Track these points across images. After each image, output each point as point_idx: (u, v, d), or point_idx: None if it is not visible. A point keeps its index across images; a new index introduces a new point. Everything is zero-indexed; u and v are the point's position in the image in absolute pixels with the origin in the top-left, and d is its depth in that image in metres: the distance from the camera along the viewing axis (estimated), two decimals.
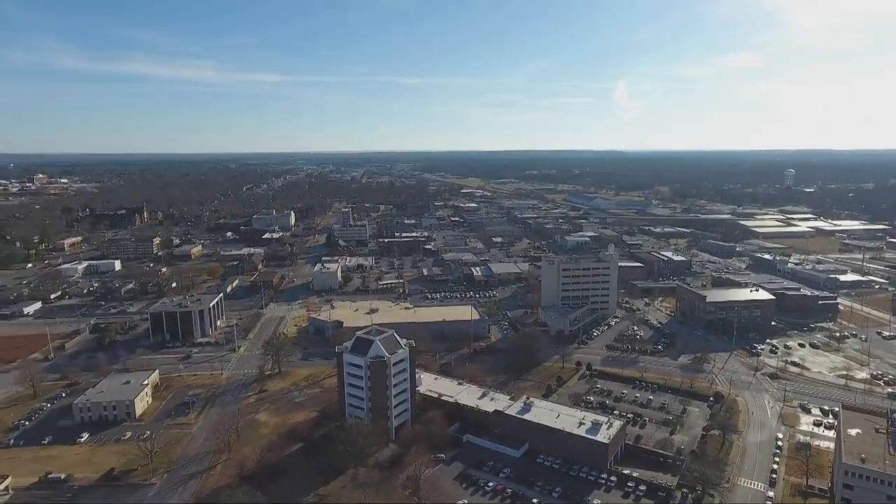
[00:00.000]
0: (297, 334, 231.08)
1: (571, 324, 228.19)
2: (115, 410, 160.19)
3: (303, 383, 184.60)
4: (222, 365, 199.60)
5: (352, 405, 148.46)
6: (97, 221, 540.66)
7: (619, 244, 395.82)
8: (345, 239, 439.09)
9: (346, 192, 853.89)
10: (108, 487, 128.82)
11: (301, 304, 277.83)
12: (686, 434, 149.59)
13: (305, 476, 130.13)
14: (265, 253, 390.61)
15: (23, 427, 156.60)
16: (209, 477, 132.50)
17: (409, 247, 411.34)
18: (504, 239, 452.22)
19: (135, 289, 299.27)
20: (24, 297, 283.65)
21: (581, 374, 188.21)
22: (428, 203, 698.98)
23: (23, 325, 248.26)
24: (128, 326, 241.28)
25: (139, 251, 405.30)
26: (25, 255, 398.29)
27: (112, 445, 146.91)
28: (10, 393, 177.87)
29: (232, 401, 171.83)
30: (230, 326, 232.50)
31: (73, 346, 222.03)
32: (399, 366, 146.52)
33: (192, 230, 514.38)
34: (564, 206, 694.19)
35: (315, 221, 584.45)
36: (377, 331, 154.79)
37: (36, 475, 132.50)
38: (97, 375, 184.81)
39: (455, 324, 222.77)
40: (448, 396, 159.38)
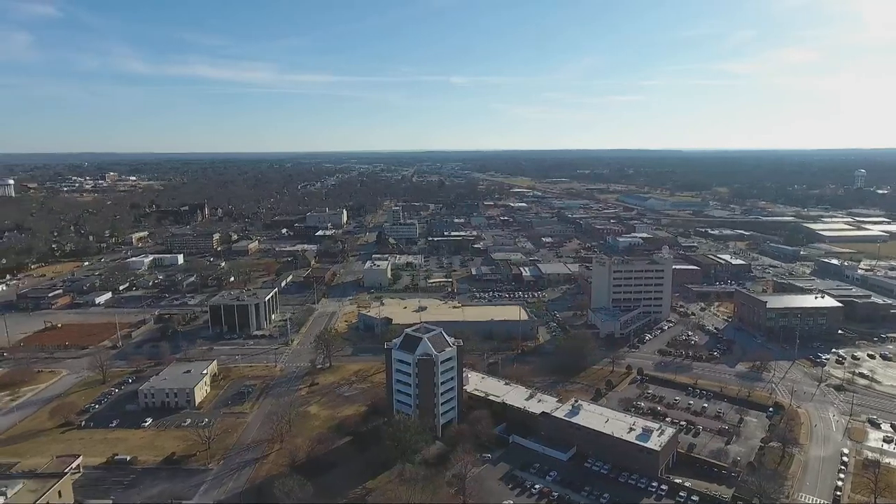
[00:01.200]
0: (347, 330, 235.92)
1: (622, 327, 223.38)
2: (177, 398, 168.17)
3: (352, 378, 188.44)
4: (276, 357, 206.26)
5: (399, 401, 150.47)
6: (162, 217, 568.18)
7: (674, 246, 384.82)
8: (395, 237, 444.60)
9: (397, 190, 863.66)
10: (169, 471, 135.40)
11: (351, 300, 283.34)
12: (743, 445, 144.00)
13: (353, 469, 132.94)
14: (318, 250, 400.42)
15: (93, 410, 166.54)
16: (262, 465, 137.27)
17: (458, 246, 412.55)
18: (554, 239, 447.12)
19: (196, 282, 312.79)
20: (95, 288, 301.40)
21: (632, 379, 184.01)
22: (477, 202, 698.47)
23: (94, 314, 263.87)
24: (189, 318, 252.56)
25: (200, 246, 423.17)
26: (97, 249, 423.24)
27: (173, 431, 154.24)
28: (83, 378, 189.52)
29: (285, 392, 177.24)
30: (284, 320, 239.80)
31: (139, 335, 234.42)
32: (447, 364, 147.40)
33: (249, 227, 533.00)
34: (616, 207, 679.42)
35: (366, 219, 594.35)
36: (425, 329, 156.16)
37: (104, 456, 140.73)
38: (160, 364, 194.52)
39: (503, 323, 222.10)
40: (495, 396, 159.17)
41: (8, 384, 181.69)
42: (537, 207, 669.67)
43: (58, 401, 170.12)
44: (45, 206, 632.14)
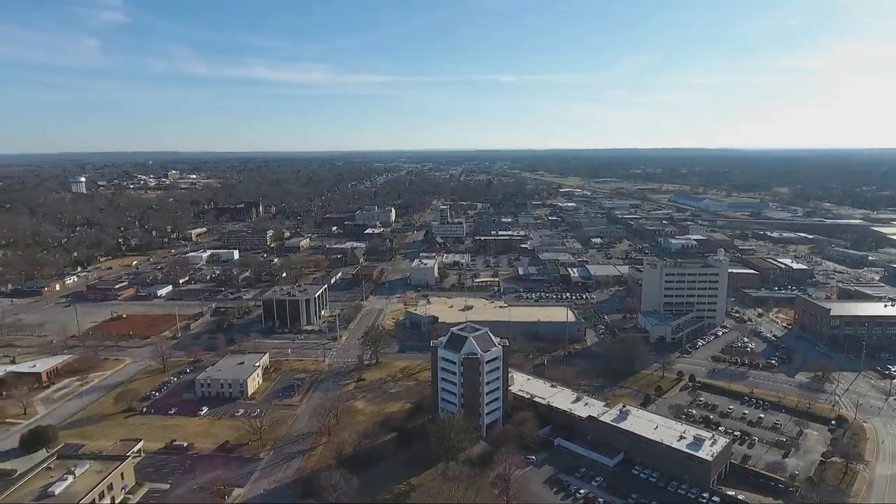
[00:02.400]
0: (394, 327, 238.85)
1: (674, 331, 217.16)
2: (231, 388, 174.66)
3: (398, 375, 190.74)
4: (325, 352, 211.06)
5: (444, 400, 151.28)
6: (220, 214, 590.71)
7: (730, 249, 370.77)
8: (442, 236, 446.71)
9: (445, 189, 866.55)
10: (223, 458, 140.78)
11: (399, 298, 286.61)
12: (802, 459, 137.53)
13: (398, 465, 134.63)
14: (366, 247, 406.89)
15: (154, 397, 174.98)
16: (310, 457, 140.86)
17: (505, 245, 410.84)
18: (603, 240, 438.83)
19: (250, 277, 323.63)
20: (158, 281, 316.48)
21: (683, 386, 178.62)
22: (525, 202, 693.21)
23: (156, 306, 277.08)
24: (243, 311, 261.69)
25: (255, 242, 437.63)
26: (160, 243, 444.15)
27: (227, 420, 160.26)
28: (145, 366, 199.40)
29: (333, 387, 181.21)
30: (333, 316, 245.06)
31: (196, 326, 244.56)
32: (492, 364, 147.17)
33: (301, 224, 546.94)
34: (669, 207, 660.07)
35: (414, 218, 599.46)
36: (471, 328, 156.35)
37: (163, 441, 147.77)
38: (216, 355, 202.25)
39: (550, 325, 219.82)
40: (540, 398, 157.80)
41: (78, 370, 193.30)
42: (586, 207, 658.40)
43: (122, 387, 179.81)
44: (112, 202, 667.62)
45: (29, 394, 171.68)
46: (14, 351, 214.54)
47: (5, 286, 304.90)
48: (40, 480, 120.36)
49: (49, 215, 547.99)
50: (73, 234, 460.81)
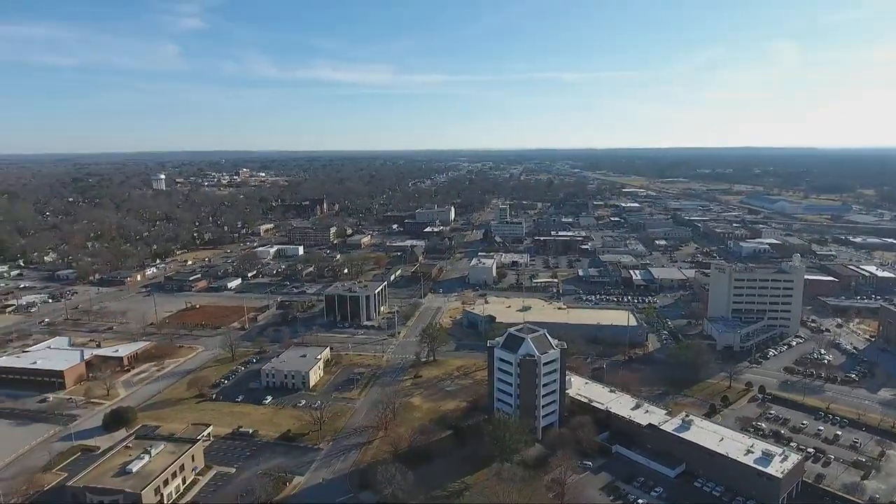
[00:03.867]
0: (451, 325, 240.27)
1: (743, 339, 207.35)
2: (294, 379, 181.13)
3: (455, 373, 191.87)
4: (383, 348, 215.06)
5: (500, 400, 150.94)
6: (286, 211, 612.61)
7: (807, 254, 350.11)
8: (501, 235, 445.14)
9: (505, 188, 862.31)
10: (285, 447, 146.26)
11: (457, 296, 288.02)
12: (883, 482, 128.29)
13: (452, 463, 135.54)
14: (426, 245, 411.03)
15: (223, 385, 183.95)
16: (367, 450, 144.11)
17: (565, 246, 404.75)
18: (668, 242, 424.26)
19: (313, 272, 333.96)
20: (228, 274, 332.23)
21: (752, 397, 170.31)
22: (587, 202, 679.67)
23: (226, 298, 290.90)
24: (307, 305, 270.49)
25: (318, 239, 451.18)
26: (231, 238, 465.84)
27: (289, 410, 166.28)
28: (216, 355, 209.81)
29: (390, 382, 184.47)
30: (392, 313, 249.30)
31: (263, 319, 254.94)
32: (549, 366, 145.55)
33: (363, 221, 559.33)
34: (740, 209, 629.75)
35: (473, 217, 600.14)
36: (529, 329, 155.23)
37: (230, 427, 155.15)
38: (280, 347, 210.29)
39: (610, 328, 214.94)
40: (598, 403, 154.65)
41: (155, 356, 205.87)
42: (651, 208, 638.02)
43: (194, 374, 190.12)
44: (189, 198, 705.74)
45: (112, 376, 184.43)
46: (100, 336, 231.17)
47: (93, 276, 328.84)
48: (120, 458, 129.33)
49: (132, 210, 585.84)
50: (153, 229, 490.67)
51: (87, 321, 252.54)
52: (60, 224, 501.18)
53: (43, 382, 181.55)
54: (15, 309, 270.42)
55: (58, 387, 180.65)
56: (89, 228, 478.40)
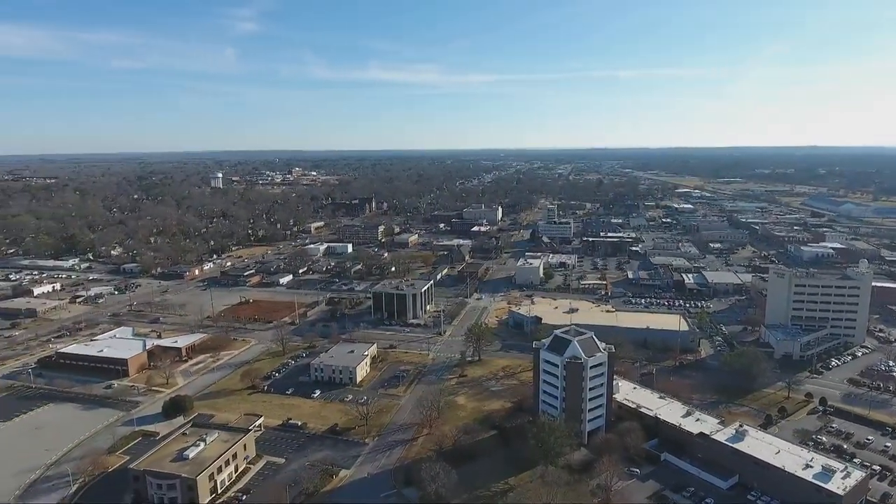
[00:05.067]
0: (497, 325, 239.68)
1: (803, 348, 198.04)
2: (341, 374, 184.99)
3: (500, 373, 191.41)
4: (429, 346, 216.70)
5: (545, 402, 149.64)
6: (336, 209, 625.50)
7: (875, 260, 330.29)
8: (549, 235, 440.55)
9: (553, 188, 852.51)
10: (332, 440, 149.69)
11: (503, 296, 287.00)
12: None
13: (496, 463, 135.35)
14: (472, 245, 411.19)
15: (274, 378, 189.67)
16: (412, 447, 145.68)
17: (614, 247, 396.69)
18: (723, 245, 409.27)
19: (361, 270, 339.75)
20: (280, 270, 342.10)
21: (812, 409, 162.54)
22: (637, 202, 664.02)
23: (278, 293, 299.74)
24: (354, 302, 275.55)
25: (367, 237, 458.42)
26: (283, 235, 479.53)
27: (336, 404, 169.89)
28: (267, 348, 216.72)
29: (435, 381, 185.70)
30: (438, 311, 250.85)
31: (313, 314, 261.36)
32: (596, 370, 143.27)
33: (410, 220, 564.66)
34: (802, 212, 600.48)
35: (520, 217, 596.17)
36: (576, 331, 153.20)
37: (280, 419, 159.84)
38: (329, 342, 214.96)
39: (660, 333, 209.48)
40: (647, 409, 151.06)
41: (211, 347, 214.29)
42: (705, 209, 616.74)
43: (247, 366, 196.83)
44: (244, 196, 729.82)
45: (171, 366, 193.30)
46: (160, 327, 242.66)
47: (155, 269, 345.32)
48: (177, 444, 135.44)
49: (192, 207, 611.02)
50: (211, 225, 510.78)
51: (149, 313, 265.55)
52: (126, 220, 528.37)
53: (108, 370, 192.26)
54: (84, 300, 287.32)
55: (122, 374, 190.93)
56: (152, 224, 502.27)
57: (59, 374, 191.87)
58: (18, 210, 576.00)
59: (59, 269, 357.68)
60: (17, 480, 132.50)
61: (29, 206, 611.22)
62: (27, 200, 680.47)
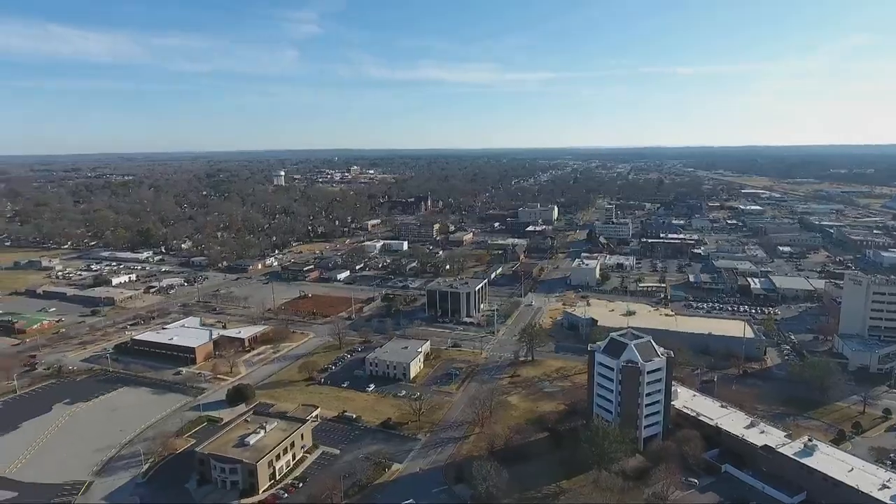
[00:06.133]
0: (551, 326, 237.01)
1: (881, 361, 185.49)
2: (395, 370, 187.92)
3: (553, 374, 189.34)
4: (482, 345, 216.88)
5: (600, 405, 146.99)
6: (392, 207, 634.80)
7: None
8: (606, 236, 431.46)
9: (611, 188, 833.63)
10: (385, 433, 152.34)
11: (557, 297, 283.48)
12: None
13: (548, 465, 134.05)
14: (527, 244, 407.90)
15: (330, 370, 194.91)
16: (463, 445, 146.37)
17: (675, 249, 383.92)
18: (794, 249, 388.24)
19: (416, 267, 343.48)
20: (338, 266, 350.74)
21: (890, 426, 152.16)
22: (700, 203, 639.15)
23: (336, 288, 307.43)
24: (409, 299, 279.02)
25: (422, 235, 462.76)
26: (341, 232, 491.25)
27: (390, 399, 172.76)
28: (324, 342, 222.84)
29: (488, 379, 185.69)
30: (492, 310, 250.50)
31: (368, 310, 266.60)
32: (654, 375, 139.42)
33: (465, 219, 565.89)
34: (883, 214, 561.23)
35: (577, 216, 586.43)
36: (633, 334, 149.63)
37: (336, 411, 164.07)
38: (384, 338, 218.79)
39: (723, 339, 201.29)
40: (707, 418, 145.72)
41: (272, 340, 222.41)
42: (774, 211, 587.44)
43: (305, 359, 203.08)
44: (305, 194, 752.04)
45: (234, 356, 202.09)
46: (225, 318, 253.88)
47: (221, 263, 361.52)
48: (239, 430, 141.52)
49: (255, 204, 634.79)
50: (273, 221, 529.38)
51: (215, 304, 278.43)
52: (195, 215, 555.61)
53: (178, 357, 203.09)
54: (157, 290, 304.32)
55: (190, 362, 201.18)
56: (219, 220, 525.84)
57: (134, 359, 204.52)
58: (100, 205, 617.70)
59: (135, 261, 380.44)
60: (96, 457, 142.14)
61: (109, 202, 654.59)
62: (107, 196, 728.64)
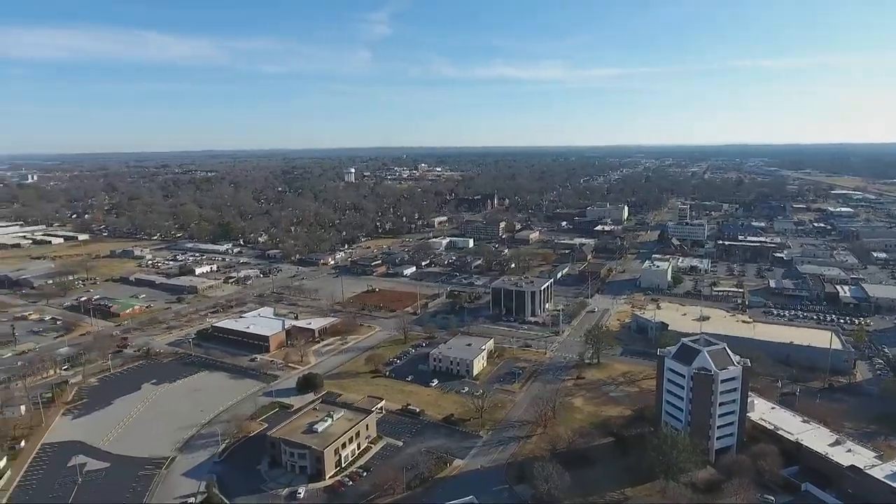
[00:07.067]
0: (618, 328, 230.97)
1: None
2: (458, 366, 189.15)
3: (619, 378, 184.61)
4: (546, 345, 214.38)
5: (669, 413, 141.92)
6: (459, 204, 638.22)
7: None
8: (679, 237, 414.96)
9: (685, 187, 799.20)
10: (447, 429, 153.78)
11: (626, 299, 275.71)
12: None
13: (612, 471, 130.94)
14: (595, 244, 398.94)
15: (395, 364, 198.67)
16: (525, 445, 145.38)
17: (754, 252, 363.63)
18: (890, 255, 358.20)
19: (482, 265, 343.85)
20: (404, 262, 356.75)
21: None
22: (784, 204, 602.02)
23: (402, 284, 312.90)
24: (474, 297, 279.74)
25: (488, 233, 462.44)
26: (408, 229, 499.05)
27: (453, 395, 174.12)
28: (390, 335, 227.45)
29: (552, 380, 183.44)
30: (557, 310, 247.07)
31: (433, 306, 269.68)
32: (728, 384, 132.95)
33: (531, 217, 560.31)
34: None
35: (648, 216, 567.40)
36: (706, 340, 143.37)
37: (400, 404, 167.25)
38: (447, 334, 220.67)
39: (807, 350, 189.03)
40: (787, 433, 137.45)
41: (340, 331, 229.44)
42: (868, 213, 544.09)
43: (371, 351, 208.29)
44: (373, 191, 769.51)
45: (305, 345, 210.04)
46: (297, 309, 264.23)
47: (294, 256, 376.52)
48: (308, 417, 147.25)
49: (327, 200, 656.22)
50: (343, 217, 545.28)
51: (288, 295, 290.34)
52: (271, 210, 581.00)
53: (253, 344, 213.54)
54: (235, 280, 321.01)
55: (264, 349, 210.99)
56: (293, 215, 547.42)
57: (213, 345, 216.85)
58: (186, 200, 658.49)
59: (216, 253, 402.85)
60: (178, 435, 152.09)
61: (194, 197, 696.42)
62: (192, 191, 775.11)
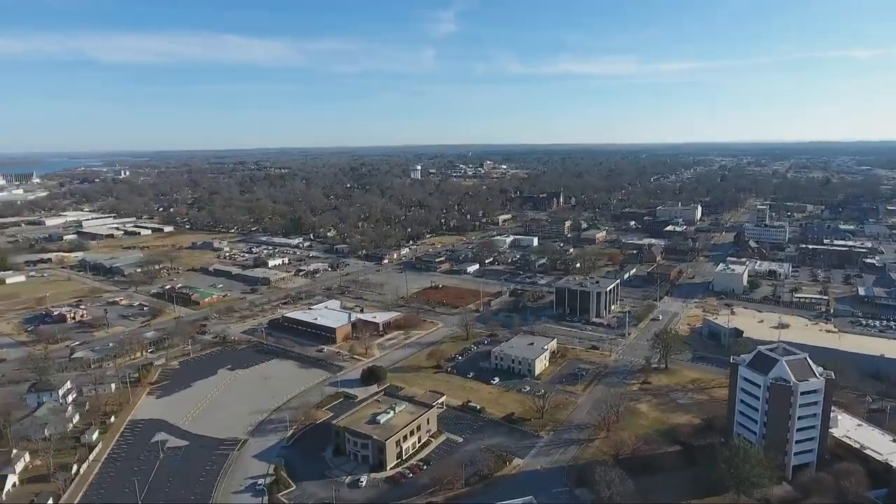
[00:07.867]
0: (688, 333, 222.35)
1: None
2: (520, 365, 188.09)
3: (688, 385, 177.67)
4: (611, 347, 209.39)
5: (741, 424, 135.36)
6: (524, 202, 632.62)
7: None
8: (757, 240, 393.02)
9: (765, 187, 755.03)
10: (508, 427, 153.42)
11: (697, 303, 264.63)
12: None
13: (678, 481, 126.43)
14: (665, 245, 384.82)
15: (457, 360, 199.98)
16: (587, 448, 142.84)
17: (841, 257, 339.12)
18: None
19: (546, 264, 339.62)
20: (468, 259, 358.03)
21: None
22: (877, 206, 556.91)
23: (465, 281, 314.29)
24: (537, 296, 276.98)
25: (552, 231, 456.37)
26: (472, 226, 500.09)
27: (514, 394, 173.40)
28: (452, 332, 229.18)
29: (616, 383, 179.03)
30: (623, 312, 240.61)
31: (496, 304, 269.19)
32: (808, 397, 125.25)
33: (598, 216, 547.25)
34: None
35: (723, 217, 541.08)
36: (784, 349, 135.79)
37: (461, 400, 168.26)
38: (510, 332, 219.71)
39: None
40: (875, 452, 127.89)
41: (403, 326, 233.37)
42: None
43: (433, 347, 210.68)
44: (439, 188, 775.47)
45: (370, 338, 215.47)
46: (363, 303, 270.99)
47: (361, 251, 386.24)
48: (371, 409, 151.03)
49: (393, 197, 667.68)
50: (409, 213, 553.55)
51: (354, 289, 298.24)
52: (340, 206, 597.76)
53: (320, 335, 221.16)
54: (305, 273, 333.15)
55: (331, 341, 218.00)
56: (360, 211, 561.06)
57: (284, 334, 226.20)
58: (260, 195, 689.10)
59: (287, 246, 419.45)
60: (251, 419, 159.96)
61: (268, 192, 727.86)
62: (267, 187, 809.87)
